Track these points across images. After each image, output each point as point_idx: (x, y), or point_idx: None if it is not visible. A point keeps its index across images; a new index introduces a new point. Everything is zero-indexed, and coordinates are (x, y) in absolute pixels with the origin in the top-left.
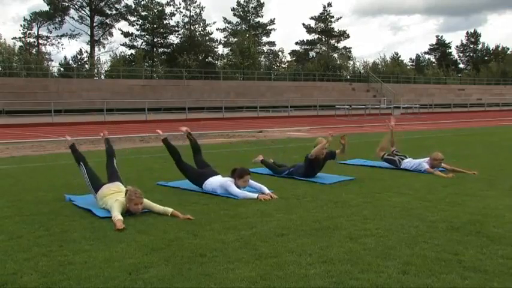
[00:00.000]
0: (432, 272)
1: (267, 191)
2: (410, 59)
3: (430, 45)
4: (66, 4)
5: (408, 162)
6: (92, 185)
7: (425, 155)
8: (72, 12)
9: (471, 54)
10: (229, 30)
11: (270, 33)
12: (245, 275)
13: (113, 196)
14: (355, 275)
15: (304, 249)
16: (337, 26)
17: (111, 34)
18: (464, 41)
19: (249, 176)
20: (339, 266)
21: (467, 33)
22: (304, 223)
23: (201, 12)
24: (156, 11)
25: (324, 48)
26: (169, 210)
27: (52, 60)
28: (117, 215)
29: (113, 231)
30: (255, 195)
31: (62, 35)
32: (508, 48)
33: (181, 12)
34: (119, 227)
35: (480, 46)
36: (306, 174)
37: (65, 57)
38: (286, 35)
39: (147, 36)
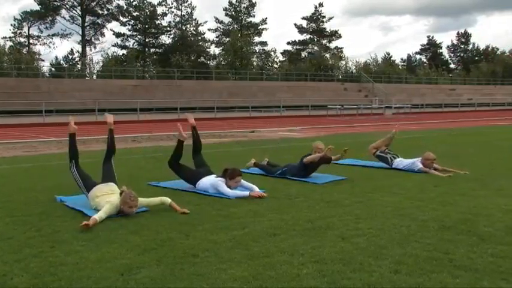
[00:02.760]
0: (424, 271)
1: (257, 189)
2: (402, 59)
3: (421, 46)
4: (58, 4)
5: (400, 162)
6: (83, 185)
7: (417, 154)
8: (63, 12)
9: (462, 55)
10: (221, 30)
11: (262, 33)
12: (237, 275)
13: (105, 197)
14: (347, 275)
15: (296, 249)
16: (328, 26)
17: (102, 34)
18: (455, 42)
19: (241, 177)
20: (331, 265)
21: (458, 33)
22: (297, 223)
23: (193, 12)
24: (147, 11)
25: (316, 48)
26: (168, 200)
27: (43, 60)
28: (96, 216)
29: (105, 231)
30: (247, 193)
31: (53, 35)
32: (498, 49)
33: (173, 12)
34: (85, 223)
35: (471, 46)
36: (298, 175)
37: (56, 57)
38: (278, 35)
39: (138, 37)
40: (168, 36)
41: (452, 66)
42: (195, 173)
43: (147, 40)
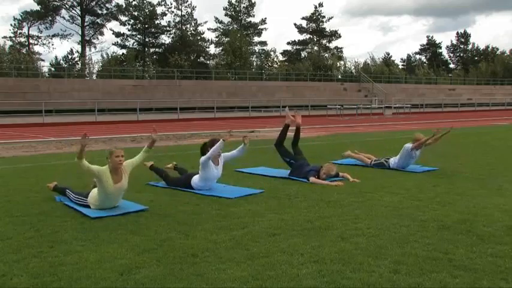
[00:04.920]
0: (423, 270)
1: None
2: (402, 59)
3: (421, 46)
4: (57, 4)
5: (395, 160)
6: (83, 196)
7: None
8: (63, 12)
9: (461, 55)
10: (221, 30)
11: (262, 33)
12: (237, 275)
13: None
14: (346, 275)
15: (296, 249)
16: (328, 26)
17: (102, 34)
18: (455, 41)
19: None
20: (330, 265)
21: (457, 33)
22: (296, 223)
23: (193, 11)
24: (147, 10)
25: (315, 48)
26: (145, 148)
27: (43, 60)
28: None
29: (104, 232)
30: (221, 139)
31: (53, 35)
32: (498, 49)
33: (173, 12)
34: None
35: (470, 46)
36: (300, 177)
37: (56, 57)
38: (278, 35)
39: (138, 36)
40: (168, 36)
41: (451, 66)
42: (183, 178)
43: (146, 40)
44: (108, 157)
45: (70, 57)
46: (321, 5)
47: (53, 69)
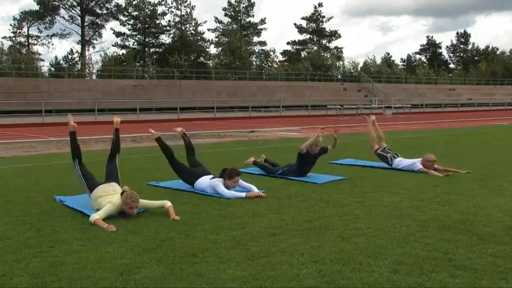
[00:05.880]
0: (423, 270)
1: (256, 190)
2: (402, 59)
3: (421, 46)
4: (57, 4)
5: (400, 162)
6: (86, 184)
7: (416, 155)
8: (62, 11)
9: (461, 55)
10: (221, 30)
11: (261, 33)
12: (237, 275)
13: (108, 197)
14: (346, 275)
15: (295, 249)
16: (328, 26)
17: (100, 35)
18: (455, 41)
19: (239, 177)
20: (330, 265)
21: (457, 33)
22: (296, 223)
23: (192, 11)
24: (147, 10)
25: (315, 48)
26: (168, 204)
27: (43, 60)
28: (96, 214)
29: (104, 232)
30: (243, 194)
31: (53, 35)
32: (498, 49)
33: (173, 11)
34: (103, 225)
35: (470, 46)
36: (298, 172)
37: (56, 57)
38: (278, 35)
39: (138, 36)
40: (168, 36)
41: (451, 66)
42: (192, 172)
43: (146, 40)
44: (123, 204)
45: (70, 57)
46: (320, 5)
47: (52, 69)
